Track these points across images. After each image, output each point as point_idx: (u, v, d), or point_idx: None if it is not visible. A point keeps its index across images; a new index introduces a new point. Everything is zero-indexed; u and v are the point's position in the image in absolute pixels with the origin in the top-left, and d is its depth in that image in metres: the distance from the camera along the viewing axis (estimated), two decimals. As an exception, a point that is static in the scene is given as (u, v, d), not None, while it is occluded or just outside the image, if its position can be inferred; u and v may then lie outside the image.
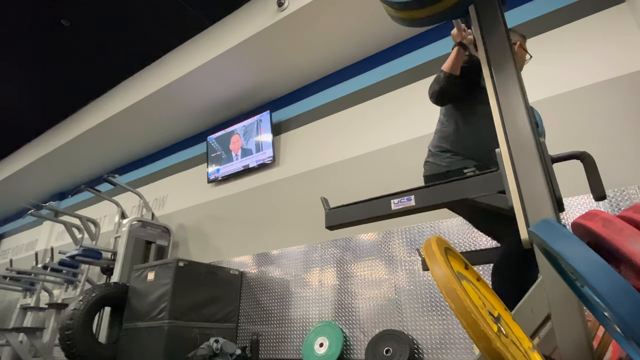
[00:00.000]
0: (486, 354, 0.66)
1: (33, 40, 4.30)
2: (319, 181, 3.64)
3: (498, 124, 1.12)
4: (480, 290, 0.92)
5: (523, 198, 1.01)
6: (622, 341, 0.66)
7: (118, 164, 6.13)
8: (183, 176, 5.10)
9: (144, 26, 4.14)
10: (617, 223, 0.54)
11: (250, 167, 4.23)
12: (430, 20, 1.27)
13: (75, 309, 3.10)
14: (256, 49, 3.75)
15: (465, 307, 0.67)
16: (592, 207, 2.25)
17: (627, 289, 0.45)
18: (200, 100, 4.55)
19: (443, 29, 3.29)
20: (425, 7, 1.21)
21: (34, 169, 6.17)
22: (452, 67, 1.55)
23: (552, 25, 2.83)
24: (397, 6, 1.25)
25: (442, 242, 0.87)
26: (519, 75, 1.16)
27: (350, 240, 3.16)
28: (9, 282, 5.08)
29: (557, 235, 0.56)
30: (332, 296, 3.07)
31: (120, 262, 4.03)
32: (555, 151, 1.10)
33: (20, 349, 3.88)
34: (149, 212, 4.90)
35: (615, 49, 2.53)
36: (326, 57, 3.84)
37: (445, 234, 2.72)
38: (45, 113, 5.57)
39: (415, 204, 1.27)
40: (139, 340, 3.02)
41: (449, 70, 1.56)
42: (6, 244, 7.80)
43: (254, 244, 3.81)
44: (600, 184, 1.04)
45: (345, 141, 3.62)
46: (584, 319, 0.87)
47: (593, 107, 2.50)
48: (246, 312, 3.50)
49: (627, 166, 2.25)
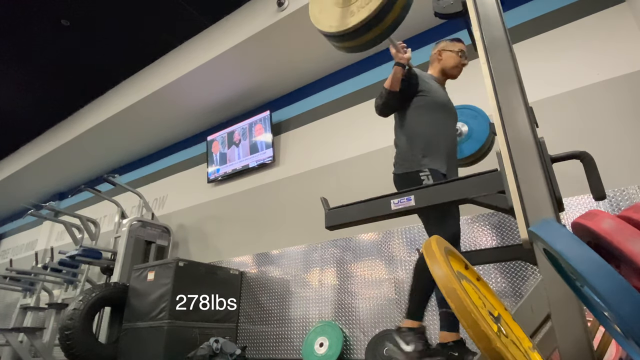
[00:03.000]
0: (486, 354, 0.66)
1: (33, 40, 4.30)
2: (319, 181, 3.64)
3: (498, 124, 1.12)
4: (480, 290, 0.92)
5: (523, 198, 1.01)
6: (622, 341, 0.66)
7: (118, 164, 6.13)
8: (183, 176, 5.10)
9: (143, 26, 4.14)
10: (617, 223, 0.54)
11: (250, 167, 4.23)
12: (365, 47, 1.50)
13: (75, 309, 3.10)
14: (256, 49, 3.75)
15: (465, 307, 0.67)
16: (592, 207, 2.25)
17: (627, 289, 0.45)
18: (200, 100, 4.55)
19: (441, 32, 3.30)
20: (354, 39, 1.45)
21: (34, 169, 6.17)
22: (392, 85, 1.77)
23: (552, 25, 2.83)
24: (334, 40, 1.50)
25: (442, 242, 0.87)
26: (519, 75, 1.16)
27: (350, 240, 3.16)
28: (9, 282, 5.08)
29: (557, 235, 0.56)
30: (332, 296, 3.07)
31: (120, 262, 4.02)
32: (555, 151, 1.10)
33: (20, 349, 3.88)
34: (149, 212, 4.90)
35: (615, 49, 2.53)
36: (326, 57, 3.84)
37: (445, 234, 2.71)
38: (45, 113, 5.57)
39: (415, 204, 1.27)
40: (139, 340, 3.02)
41: (389, 88, 1.77)
42: (6, 244, 7.80)
43: (254, 244, 3.81)
44: (600, 183, 1.04)
45: (345, 141, 3.62)
46: (584, 319, 0.87)
47: (593, 107, 2.49)
48: (246, 312, 3.50)
49: (627, 166, 2.25)
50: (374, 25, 1.40)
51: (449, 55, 2.00)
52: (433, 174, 1.68)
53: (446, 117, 1.88)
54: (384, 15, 1.38)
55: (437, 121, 1.82)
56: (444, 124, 1.85)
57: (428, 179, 1.66)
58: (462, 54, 2.00)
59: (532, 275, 2.32)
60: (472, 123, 2.31)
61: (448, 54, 2.00)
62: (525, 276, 2.35)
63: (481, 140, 2.25)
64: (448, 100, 1.95)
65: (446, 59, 2.00)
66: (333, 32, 1.45)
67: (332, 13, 1.47)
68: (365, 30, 1.41)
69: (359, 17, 1.37)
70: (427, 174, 1.68)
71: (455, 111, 1.99)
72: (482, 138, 2.25)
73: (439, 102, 1.86)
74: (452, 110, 1.94)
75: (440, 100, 1.87)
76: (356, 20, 1.38)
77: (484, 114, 2.30)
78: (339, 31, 1.43)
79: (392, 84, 1.76)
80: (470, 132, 2.29)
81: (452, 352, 1.52)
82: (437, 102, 1.85)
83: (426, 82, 1.88)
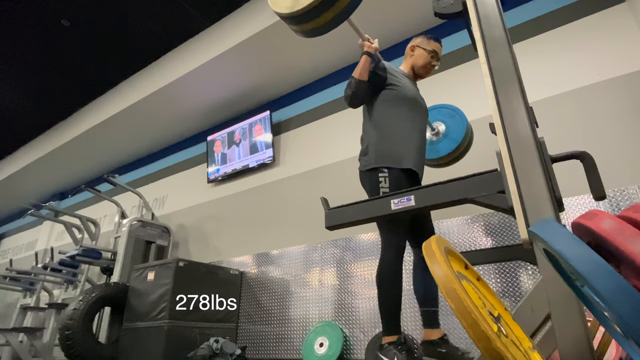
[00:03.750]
0: (486, 354, 0.66)
1: (33, 40, 4.30)
2: (319, 181, 3.64)
3: (498, 124, 1.12)
4: (480, 290, 0.92)
5: (523, 198, 1.01)
6: (622, 341, 0.66)
7: (118, 164, 6.13)
8: (183, 176, 5.10)
9: (144, 26, 4.14)
10: (617, 223, 0.54)
11: (250, 167, 4.23)
12: (324, 29, 1.52)
13: (75, 309, 3.10)
14: (256, 49, 3.75)
15: (465, 307, 0.67)
16: (592, 207, 2.25)
17: (627, 289, 0.45)
18: (200, 100, 4.55)
19: (441, 32, 3.29)
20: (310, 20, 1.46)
21: (34, 169, 6.17)
22: (360, 74, 1.76)
23: (552, 25, 2.83)
24: (292, 22, 1.50)
25: (442, 241, 0.87)
26: (519, 75, 1.16)
27: (350, 240, 3.16)
28: (9, 282, 5.09)
29: (557, 235, 0.56)
30: (332, 296, 3.07)
31: (120, 262, 4.02)
32: (555, 151, 1.10)
33: (20, 349, 3.88)
34: (149, 212, 4.90)
35: (615, 49, 2.53)
36: (326, 57, 3.84)
37: (445, 234, 2.72)
38: (45, 113, 5.57)
39: (415, 204, 1.27)
40: (139, 340, 3.02)
41: (358, 77, 1.76)
42: (6, 244, 7.80)
43: (254, 244, 3.81)
44: (600, 183, 1.04)
45: (345, 141, 3.62)
46: (584, 319, 0.87)
47: (593, 107, 2.49)
48: (246, 312, 3.50)
49: (627, 166, 2.25)
50: (329, 5, 1.41)
51: (420, 53, 1.96)
52: (393, 174, 1.67)
53: (415, 111, 1.84)
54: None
55: (402, 114, 1.80)
56: (411, 118, 1.82)
57: (385, 181, 1.66)
58: (433, 55, 1.96)
59: (532, 275, 2.32)
60: (449, 122, 2.30)
61: (420, 51, 1.96)
62: (525, 276, 2.35)
63: (457, 140, 2.24)
64: (418, 95, 1.92)
65: (417, 56, 1.97)
66: (288, 13, 1.46)
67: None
68: (321, 10, 1.41)
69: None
70: (385, 175, 1.68)
71: (425, 107, 1.94)
72: (459, 138, 2.24)
73: (408, 96, 1.83)
74: (421, 105, 1.91)
75: (409, 95, 1.84)
76: (310, 0, 1.39)
77: (461, 113, 2.30)
78: (294, 11, 1.43)
79: (360, 73, 1.76)
80: (447, 131, 2.28)
81: (439, 349, 1.55)
82: (405, 96, 1.83)
83: (395, 76, 1.86)
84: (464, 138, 2.24)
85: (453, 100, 2.43)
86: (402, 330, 1.60)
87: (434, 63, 1.97)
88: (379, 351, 1.53)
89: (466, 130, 2.25)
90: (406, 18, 3.34)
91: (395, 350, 1.48)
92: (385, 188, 1.65)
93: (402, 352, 1.47)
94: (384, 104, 1.82)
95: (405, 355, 1.46)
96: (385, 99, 1.82)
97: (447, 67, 3.18)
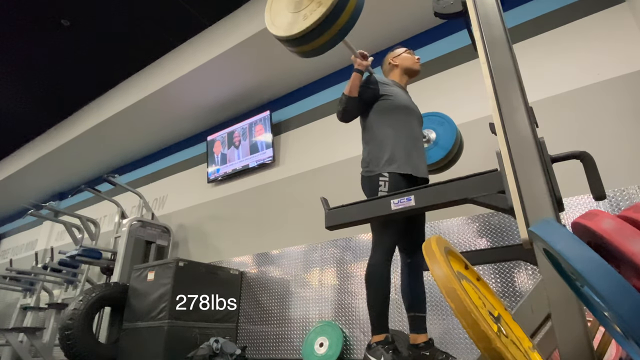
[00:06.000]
0: (486, 354, 0.66)
1: (33, 40, 4.30)
2: (319, 181, 3.64)
3: (498, 124, 1.12)
4: (480, 290, 0.92)
5: (523, 198, 1.01)
6: (622, 341, 0.66)
7: (118, 164, 6.13)
8: (183, 176, 5.10)
9: (143, 26, 4.14)
10: (617, 223, 0.54)
11: (250, 167, 4.23)
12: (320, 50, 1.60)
13: (75, 309, 3.10)
14: (256, 49, 3.75)
15: (465, 307, 0.67)
16: (592, 207, 2.25)
17: (627, 289, 0.45)
18: (200, 100, 4.54)
19: (440, 31, 3.29)
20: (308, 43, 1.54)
21: (34, 169, 6.17)
22: (350, 91, 1.82)
23: (552, 25, 2.82)
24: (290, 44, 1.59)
25: (442, 242, 0.87)
26: (519, 75, 1.16)
27: (350, 240, 3.16)
28: (9, 282, 5.08)
29: (557, 235, 0.56)
30: (332, 296, 3.07)
31: (120, 262, 4.02)
32: (555, 151, 1.10)
33: (20, 349, 3.88)
34: (149, 212, 4.90)
35: (615, 49, 2.53)
36: (326, 57, 3.82)
37: (445, 234, 2.72)
38: (45, 113, 5.57)
39: (415, 204, 1.28)
40: (139, 340, 3.02)
41: (347, 94, 1.82)
42: (6, 244, 7.80)
43: (254, 244, 3.81)
44: (600, 183, 1.04)
45: (345, 141, 3.62)
46: (584, 319, 0.87)
47: (593, 107, 2.49)
48: (246, 312, 3.50)
49: (626, 166, 2.25)
50: (325, 28, 1.48)
51: (402, 57, 2.07)
52: (392, 179, 1.71)
53: (408, 118, 1.91)
54: (334, 19, 1.46)
55: (398, 122, 1.85)
56: (405, 124, 1.88)
57: (385, 185, 1.70)
58: (410, 52, 2.09)
59: (532, 275, 2.32)
60: (439, 130, 2.34)
61: (400, 57, 2.08)
62: (525, 276, 2.35)
63: (447, 148, 2.27)
64: (410, 102, 1.98)
65: (402, 61, 2.07)
66: (287, 36, 1.54)
67: (285, 18, 1.58)
68: (318, 34, 1.49)
69: (310, 21, 1.46)
70: (385, 179, 1.71)
71: (419, 112, 2.01)
72: (448, 145, 2.28)
73: (402, 104, 1.90)
74: (414, 111, 1.97)
75: (402, 103, 1.91)
76: (307, 24, 1.47)
77: (450, 120, 2.34)
78: (292, 35, 1.52)
79: (350, 90, 1.82)
80: (437, 139, 2.31)
81: (423, 352, 1.58)
82: (400, 104, 1.89)
83: (388, 87, 1.92)
84: (454, 145, 2.27)
85: (452, 100, 2.44)
86: (389, 329, 1.64)
87: (416, 57, 2.09)
88: (367, 351, 1.57)
89: (456, 138, 2.28)
90: (406, 18, 3.33)
91: (383, 350, 1.51)
92: (384, 192, 1.68)
93: (388, 352, 1.50)
94: (379, 114, 1.88)
95: (391, 354, 1.49)
96: (381, 109, 1.88)
97: (447, 68, 3.18)
